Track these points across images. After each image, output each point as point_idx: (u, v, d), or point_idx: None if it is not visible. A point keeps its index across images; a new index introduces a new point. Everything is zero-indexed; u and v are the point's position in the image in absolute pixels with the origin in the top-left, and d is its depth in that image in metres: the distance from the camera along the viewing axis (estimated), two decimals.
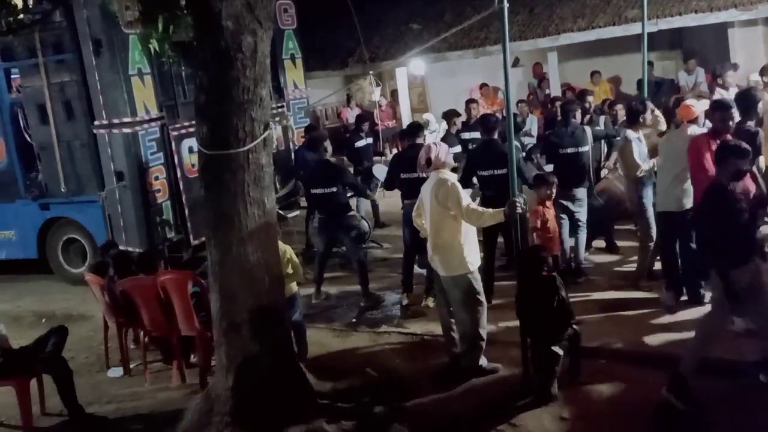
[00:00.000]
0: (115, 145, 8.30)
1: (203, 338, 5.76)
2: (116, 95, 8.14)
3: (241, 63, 4.59)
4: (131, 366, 6.46)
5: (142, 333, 6.33)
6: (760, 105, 6.39)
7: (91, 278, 6.64)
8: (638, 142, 6.69)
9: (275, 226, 5.10)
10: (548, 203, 6.57)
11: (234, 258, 4.82)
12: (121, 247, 7.61)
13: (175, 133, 8.54)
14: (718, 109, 5.72)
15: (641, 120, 6.84)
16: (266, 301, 4.90)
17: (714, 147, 5.49)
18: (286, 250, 5.80)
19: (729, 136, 5.46)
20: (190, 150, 8.44)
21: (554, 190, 6.63)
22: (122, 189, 8.33)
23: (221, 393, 4.92)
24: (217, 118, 4.71)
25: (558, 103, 9.12)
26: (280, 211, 6.41)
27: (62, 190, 8.94)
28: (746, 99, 6.16)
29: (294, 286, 6.01)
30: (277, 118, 9.83)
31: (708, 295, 5.52)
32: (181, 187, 8.55)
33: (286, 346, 5.16)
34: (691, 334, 5.14)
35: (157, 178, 8.37)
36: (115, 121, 8.22)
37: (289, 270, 5.79)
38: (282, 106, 10.43)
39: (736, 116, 5.76)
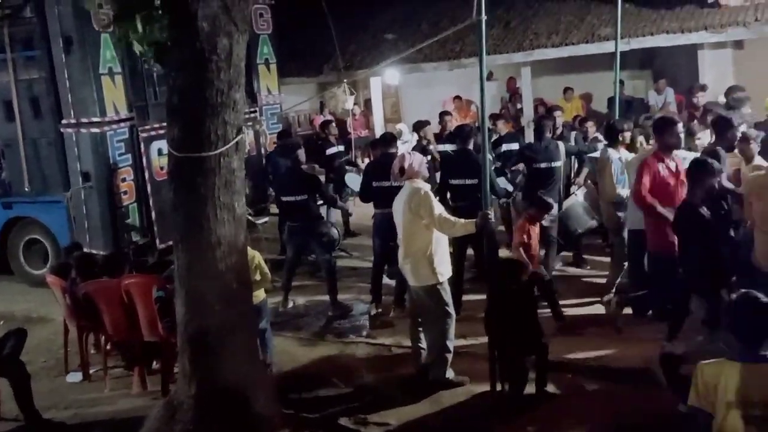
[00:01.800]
0: (83, 145, 8.15)
1: (167, 344, 5.64)
2: (85, 94, 8.00)
3: (216, 65, 4.53)
4: (91, 371, 6.30)
5: (103, 337, 6.18)
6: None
7: (52, 280, 6.47)
8: (618, 162, 6.70)
9: (245, 232, 5.02)
10: (535, 223, 6.48)
11: (202, 263, 4.74)
12: (85, 250, 7.46)
13: (144, 134, 8.41)
14: (666, 126, 5.74)
15: (621, 138, 6.84)
16: (233, 308, 4.81)
17: (659, 167, 5.57)
18: (255, 256, 5.73)
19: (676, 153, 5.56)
20: (160, 152, 8.32)
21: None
22: (88, 190, 8.18)
23: (184, 401, 4.81)
24: (189, 120, 4.64)
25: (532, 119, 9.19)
26: (250, 217, 6.33)
27: (26, 189, 8.74)
28: (724, 124, 6.20)
29: (262, 293, 5.94)
30: (250, 123, 9.74)
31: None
32: (149, 189, 8.42)
33: (252, 353, 5.08)
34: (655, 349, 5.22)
35: (124, 180, 8.23)
36: (84, 120, 8.08)
37: (258, 277, 5.72)
38: (255, 111, 10.35)
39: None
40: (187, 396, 4.81)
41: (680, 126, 5.86)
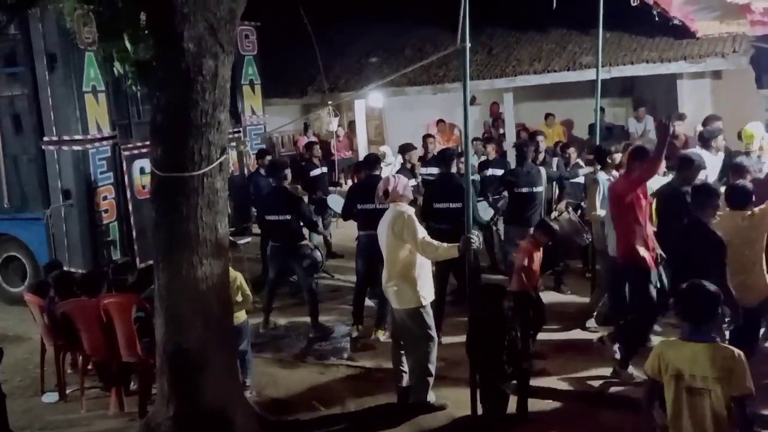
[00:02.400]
0: (64, 163, 8.10)
1: (145, 365, 5.57)
2: (68, 112, 7.97)
3: (201, 86, 4.55)
4: (68, 391, 6.21)
5: (81, 357, 6.10)
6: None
7: (30, 298, 6.38)
8: (606, 183, 6.73)
9: (227, 252, 5.01)
10: (539, 248, 6.35)
11: (183, 283, 4.72)
12: (65, 268, 7.38)
13: (127, 153, 8.37)
14: (642, 155, 5.80)
15: (609, 161, 6.90)
16: (214, 329, 4.79)
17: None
18: (237, 277, 5.71)
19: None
20: (142, 171, 8.29)
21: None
22: (68, 208, 8.12)
23: (161, 422, 4.77)
24: (173, 139, 4.65)
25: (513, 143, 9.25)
26: (232, 238, 6.30)
27: (5, 205, 8.67)
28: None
29: (243, 315, 5.90)
30: (233, 143, 9.73)
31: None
32: (130, 208, 8.36)
33: (232, 375, 5.04)
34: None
35: (105, 198, 8.17)
36: (66, 137, 8.03)
37: (239, 298, 5.69)
38: (238, 132, 10.35)
39: None
40: (165, 417, 4.77)
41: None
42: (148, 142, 4.89)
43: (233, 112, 10.21)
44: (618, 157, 6.93)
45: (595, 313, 6.85)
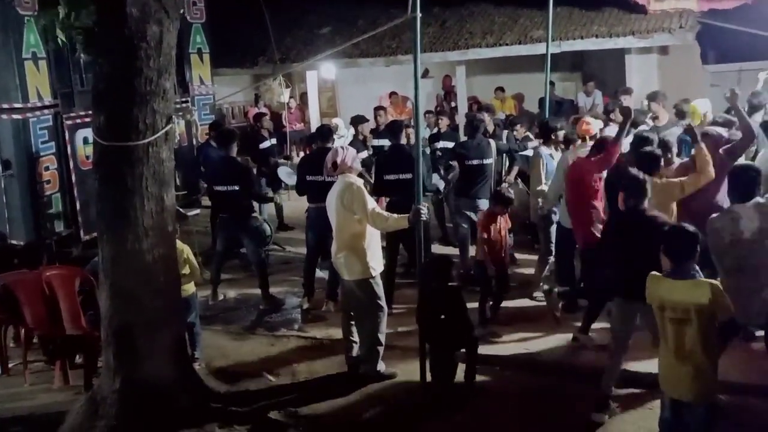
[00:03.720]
0: (3, 132, 7.86)
1: (90, 338, 5.48)
2: (7, 79, 7.71)
3: (145, 53, 4.44)
4: (10, 365, 6.08)
5: (23, 330, 5.96)
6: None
7: None
8: (549, 158, 6.89)
9: (174, 224, 4.93)
10: (501, 218, 6.36)
11: (128, 255, 4.64)
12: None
13: (69, 122, 8.16)
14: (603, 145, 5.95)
15: (553, 137, 7.04)
16: (161, 301, 4.73)
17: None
18: (184, 249, 5.63)
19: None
20: (85, 141, 8.09)
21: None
22: (8, 178, 7.88)
23: (107, 395, 4.71)
24: (116, 108, 4.53)
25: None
26: (180, 209, 6.20)
27: None
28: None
29: (191, 287, 5.85)
30: (180, 113, 9.54)
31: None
32: (74, 179, 8.17)
33: (179, 348, 5.00)
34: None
35: (47, 169, 7.96)
36: (5, 106, 7.78)
37: (186, 270, 5.63)
38: (186, 101, 10.16)
39: None
40: (111, 391, 4.71)
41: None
42: (91, 111, 4.74)
43: (181, 81, 10.04)
44: (561, 134, 7.06)
45: (541, 284, 6.98)
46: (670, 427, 3.86)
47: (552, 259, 6.89)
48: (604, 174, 5.89)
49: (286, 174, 8.20)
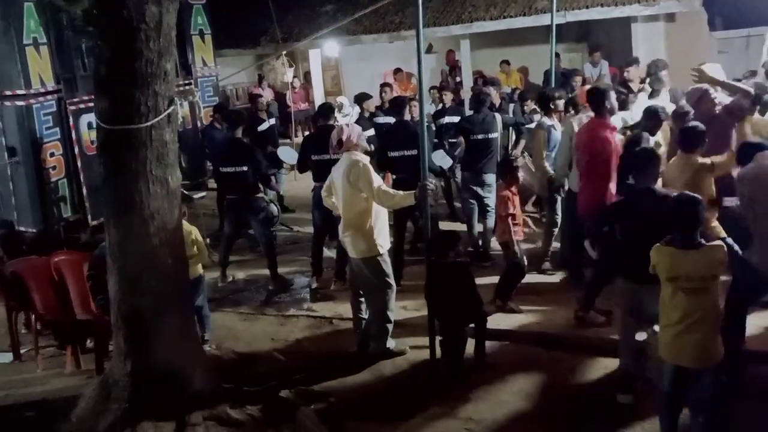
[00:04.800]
0: (7, 119, 7.84)
1: (100, 322, 5.50)
2: (9, 66, 7.69)
3: (145, 34, 4.37)
4: (22, 351, 6.12)
5: (34, 317, 5.99)
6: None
7: None
8: (552, 130, 6.82)
9: (179, 206, 4.91)
10: (514, 189, 6.29)
11: (135, 239, 4.61)
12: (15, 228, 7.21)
13: (73, 107, 8.13)
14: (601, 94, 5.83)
15: (553, 107, 6.97)
16: (169, 284, 4.72)
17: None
18: (192, 231, 5.63)
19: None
20: (90, 126, 8.07)
21: (519, 176, 6.47)
22: (14, 165, 7.88)
23: (119, 379, 4.71)
24: (118, 91, 4.48)
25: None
26: (185, 192, 6.18)
27: None
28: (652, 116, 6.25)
29: (199, 269, 5.85)
30: (183, 95, 9.48)
31: None
32: (80, 164, 8.16)
33: (189, 330, 5.00)
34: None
35: (52, 155, 7.95)
36: (8, 92, 7.76)
37: (194, 252, 5.63)
38: (189, 83, 10.10)
39: None
40: (122, 374, 4.71)
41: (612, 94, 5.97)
42: (93, 96, 4.71)
43: (183, 63, 9.98)
44: (561, 103, 6.99)
45: (548, 258, 6.96)
46: (673, 398, 3.84)
47: (556, 231, 6.85)
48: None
49: (287, 153, 8.14)
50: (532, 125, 8.19)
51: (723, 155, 5.28)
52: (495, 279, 6.52)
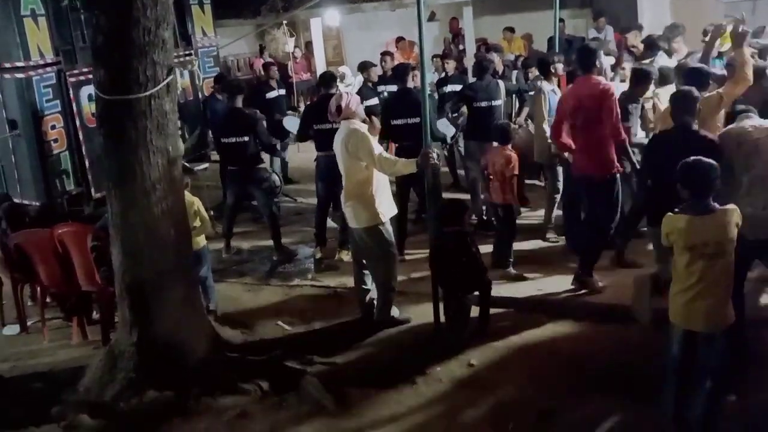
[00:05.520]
0: (7, 91, 7.78)
1: (105, 293, 5.52)
2: (7, 38, 7.60)
3: (142, 2, 4.33)
4: (29, 323, 6.16)
5: (39, 289, 6.02)
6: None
7: None
8: (552, 94, 6.78)
9: (181, 177, 4.91)
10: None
11: (137, 210, 4.63)
12: (17, 200, 7.19)
13: (73, 79, 8.06)
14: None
15: (553, 71, 6.93)
16: (171, 255, 4.74)
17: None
18: (194, 202, 5.62)
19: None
20: (90, 98, 8.00)
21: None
22: (15, 138, 7.85)
23: (125, 349, 4.76)
24: (116, 61, 4.45)
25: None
26: (186, 164, 6.15)
27: None
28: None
29: (202, 240, 5.85)
30: (181, 65, 9.38)
31: None
32: (81, 137, 8.12)
33: (193, 300, 5.03)
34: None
35: (53, 127, 7.91)
36: (7, 65, 7.69)
37: (197, 223, 5.63)
38: (190, 54, 10.00)
39: None
40: (128, 345, 4.76)
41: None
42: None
43: (183, 33, 9.87)
44: (560, 67, 6.93)
45: (551, 225, 6.94)
46: (682, 362, 3.80)
47: (558, 197, 6.82)
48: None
49: (292, 124, 8.09)
50: None
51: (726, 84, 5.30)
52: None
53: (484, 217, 7.34)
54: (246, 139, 7.05)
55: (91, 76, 7.72)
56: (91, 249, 5.55)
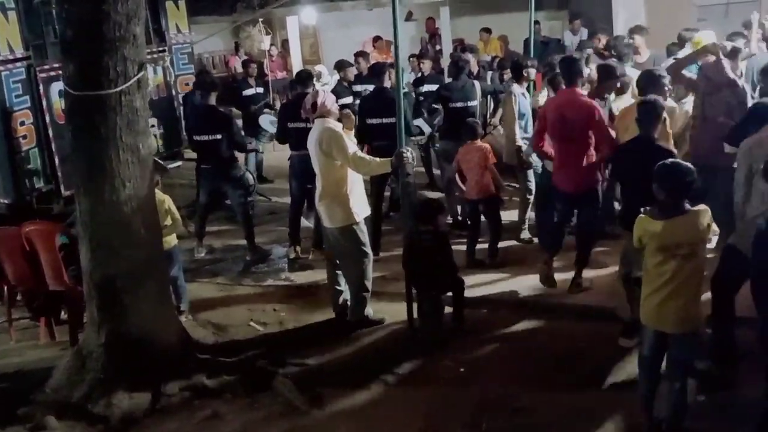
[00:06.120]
0: None
1: (73, 293, 5.41)
2: None
3: None
4: None
5: (6, 288, 5.89)
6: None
7: None
8: (522, 98, 6.83)
9: (152, 175, 4.83)
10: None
11: (106, 208, 4.55)
12: None
13: (43, 75, 7.90)
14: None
15: (525, 74, 6.99)
16: (142, 253, 4.66)
17: None
18: (165, 200, 5.54)
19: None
20: (61, 94, 7.81)
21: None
22: None
23: (93, 350, 4.68)
24: (85, 56, 4.38)
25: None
26: (159, 161, 6.06)
27: None
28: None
29: (173, 239, 5.77)
30: (152, 61, 9.24)
31: None
32: (51, 134, 7.95)
33: (164, 299, 4.95)
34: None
35: (22, 124, 7.74)
36: None
37: (168, 221, 5.54)
38: (163, 50, 9.87)
39: None
40: (96, 345, 4.68)
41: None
42: None
43: (157, 30, 9.75)
44: (533, 72, 6.98)
45: (525, 226, 6.96)
46: (652, 362, 3.86)
47: (531, 198, 6.84)
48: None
49: (269, 122, 8.02)
50: None
51: None
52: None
53: (459, 218, 7.34)
54: (219, 137, 6.96)
55: (61, 72, 7.65)
56: (60, 248, 5.44)
